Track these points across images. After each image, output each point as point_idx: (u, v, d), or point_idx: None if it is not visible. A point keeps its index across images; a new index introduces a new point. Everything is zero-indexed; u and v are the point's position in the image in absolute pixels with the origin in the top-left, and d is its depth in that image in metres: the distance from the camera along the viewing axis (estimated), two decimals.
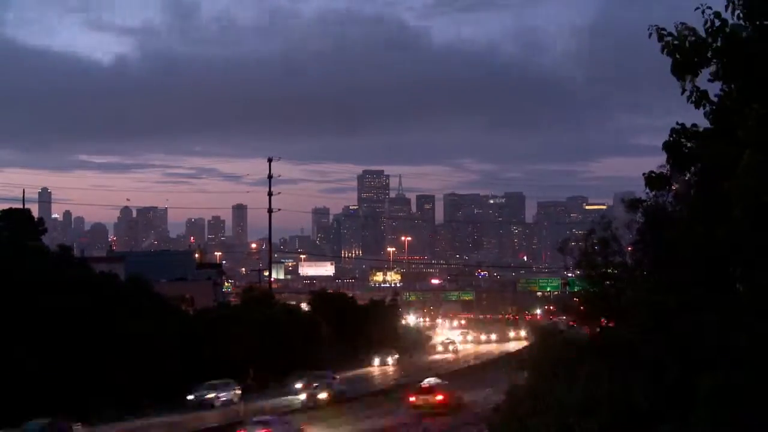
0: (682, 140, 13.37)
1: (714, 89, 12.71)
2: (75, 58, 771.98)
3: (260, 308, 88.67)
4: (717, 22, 12.08)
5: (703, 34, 12.21)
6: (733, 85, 12.42)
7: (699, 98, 12.51)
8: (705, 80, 12.62)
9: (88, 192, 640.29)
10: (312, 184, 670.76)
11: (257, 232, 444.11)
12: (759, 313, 13.37)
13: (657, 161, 14.64)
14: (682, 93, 12.48)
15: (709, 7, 12.14)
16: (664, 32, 12.42)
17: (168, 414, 59.18)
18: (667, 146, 13.49)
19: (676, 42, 12.32)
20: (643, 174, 15.20)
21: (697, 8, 12.23)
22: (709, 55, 12.22)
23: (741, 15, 11.95)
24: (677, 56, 12.32)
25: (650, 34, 12.51)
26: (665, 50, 12.41)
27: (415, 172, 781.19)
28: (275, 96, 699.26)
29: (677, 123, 13.43)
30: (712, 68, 12.39)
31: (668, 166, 14.13)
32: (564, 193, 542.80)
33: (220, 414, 58.95)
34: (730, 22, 12.06)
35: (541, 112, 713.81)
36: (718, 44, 12.08)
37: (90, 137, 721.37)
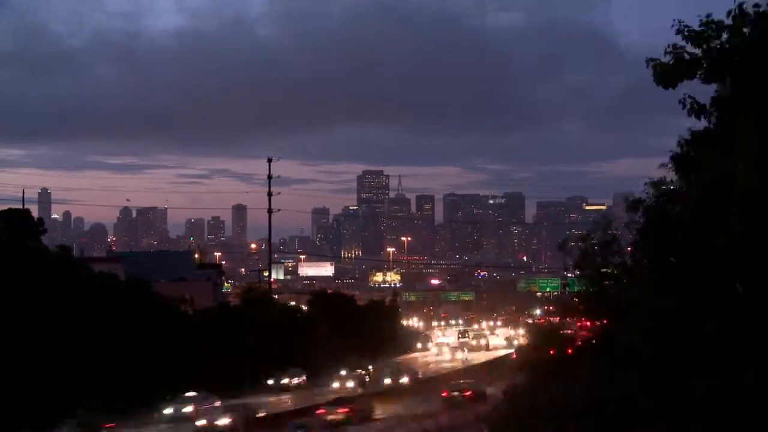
0: (686, 148, 13.60)
1: (710, 92, 13.00)
2: None
3: (260, 309, 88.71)
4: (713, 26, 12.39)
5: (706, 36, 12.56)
6: (726, 83, 12.69)
7: (698, 111, 12.86)
8: (700, 91, 13.03)
9: (97, 193, 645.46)
10: (323, 185, 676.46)
11: (257, 232, 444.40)
12: (758, 313, 13.39)
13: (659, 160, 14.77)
14: (683, 107, 12.82)
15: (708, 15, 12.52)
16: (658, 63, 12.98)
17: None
18: (673, 156, 13.77)
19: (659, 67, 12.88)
20: (645, 183, 15.34)
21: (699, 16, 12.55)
22: (703, 63, 12.63)
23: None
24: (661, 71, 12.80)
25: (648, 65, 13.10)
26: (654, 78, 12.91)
27: (426, 172, 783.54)
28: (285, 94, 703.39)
29: (680, 136, 13.77)
30: (701, 74, 12.79)
31: (671, 166, 14.27)
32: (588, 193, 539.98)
33: None
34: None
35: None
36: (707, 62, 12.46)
37: (105, 138, 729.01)
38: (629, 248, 22.63)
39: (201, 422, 55.76)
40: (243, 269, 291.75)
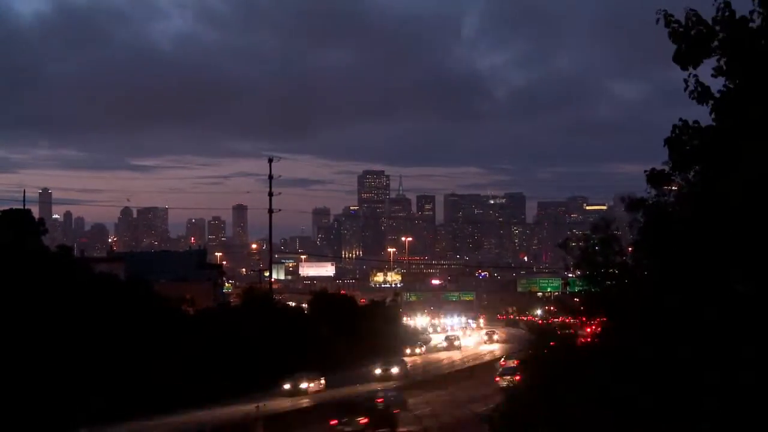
0: (684, 137, 13.30)
1: (717, 85, 12.65)
2: None
3: (260, 309, 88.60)
4: (726, 12, 12.01)
5: (710, 22, 12.12)
6: (737, 81, 12.34)
7: (701, 94, 12.43)
8: (708, 75, 12.55)
9: (113, 194, 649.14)
10: (338, 186, 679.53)
11: (258, 232, 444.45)
12: (759, 313, 13.31)
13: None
14: (685, 89, 12.41)
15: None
16: (672, 18, 12.34)
17: None
18: (669, 142, 13.41)
19: (681, 29, 12.24)
20: (645, 171, 15.14)
21: None
22: (714, 45, 12.14)
23: (758, 10, 11.88)
24: (681, 45, 12.26)
25: (657, 20, 12.43)
26: (672, 37, 12.33)
27: (442, 173, 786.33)
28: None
29: (680, 119, 13.37)
30: (715, 63, 12.33)
31: (670, 163, 14.08)
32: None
33: None
34: (740, 13, 11.98)
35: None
36: (725, 35, 12.00)
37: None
38: (630, 248, 22.56)
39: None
40: (243, 269, 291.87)
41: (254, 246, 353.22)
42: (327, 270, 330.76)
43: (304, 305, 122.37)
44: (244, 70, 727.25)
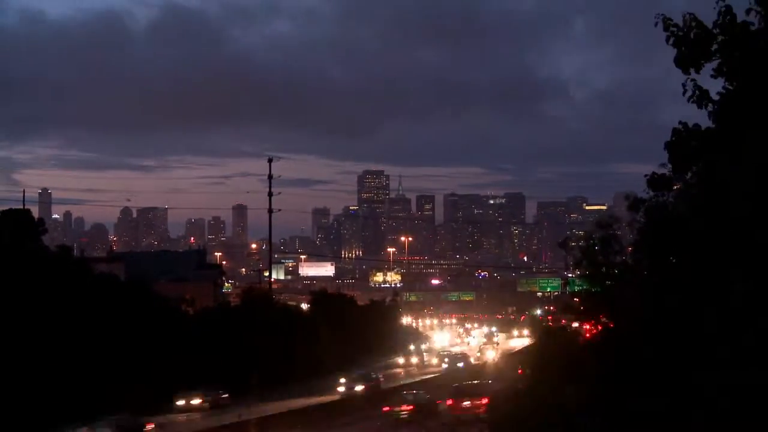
0: (684, 140, 13.34)
1: (716, 87, 12.68)
2: None
3: (260, 309, 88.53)
4: (728, 16, 12.03)
5: (710, 25, 12.16)
6: (737, 82, 12.37)
7: (700, 97, 12.45)
8: (707, 77, 12.57)
9: (115, 194, 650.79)
10: (343, 186, 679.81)
11: (257, 232, 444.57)
12: (759, 311, 13.33)
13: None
14: (684, 93, 12.44)
15: None
16: (671, 22, 12.36)
17: None
18: (669, 145, 13.45)
19: (680, 33, 12.26)
20: (645, 175, 15.21)
21: None
22: (713, 48, 12.17)
23: (756, 9, 11.91)
24: (682, 48, 12.27)
25: (656, 23, 12.45)
26: (670, 41, 12.35)
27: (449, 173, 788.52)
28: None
29: (679, 122, 13.41)
30: (716, 64, 12.35)
31: (670, 166, 14.12)
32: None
33: None
34: (741, 18, 12.02)
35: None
36: (725, 37, 12.03)
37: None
38: (630, 248, 22.60)
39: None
40: (243, 269, 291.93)
41: (254, 246, 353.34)
42: (327, 270, 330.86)
43: (303, 305, 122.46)
44: (250, 71, 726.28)
